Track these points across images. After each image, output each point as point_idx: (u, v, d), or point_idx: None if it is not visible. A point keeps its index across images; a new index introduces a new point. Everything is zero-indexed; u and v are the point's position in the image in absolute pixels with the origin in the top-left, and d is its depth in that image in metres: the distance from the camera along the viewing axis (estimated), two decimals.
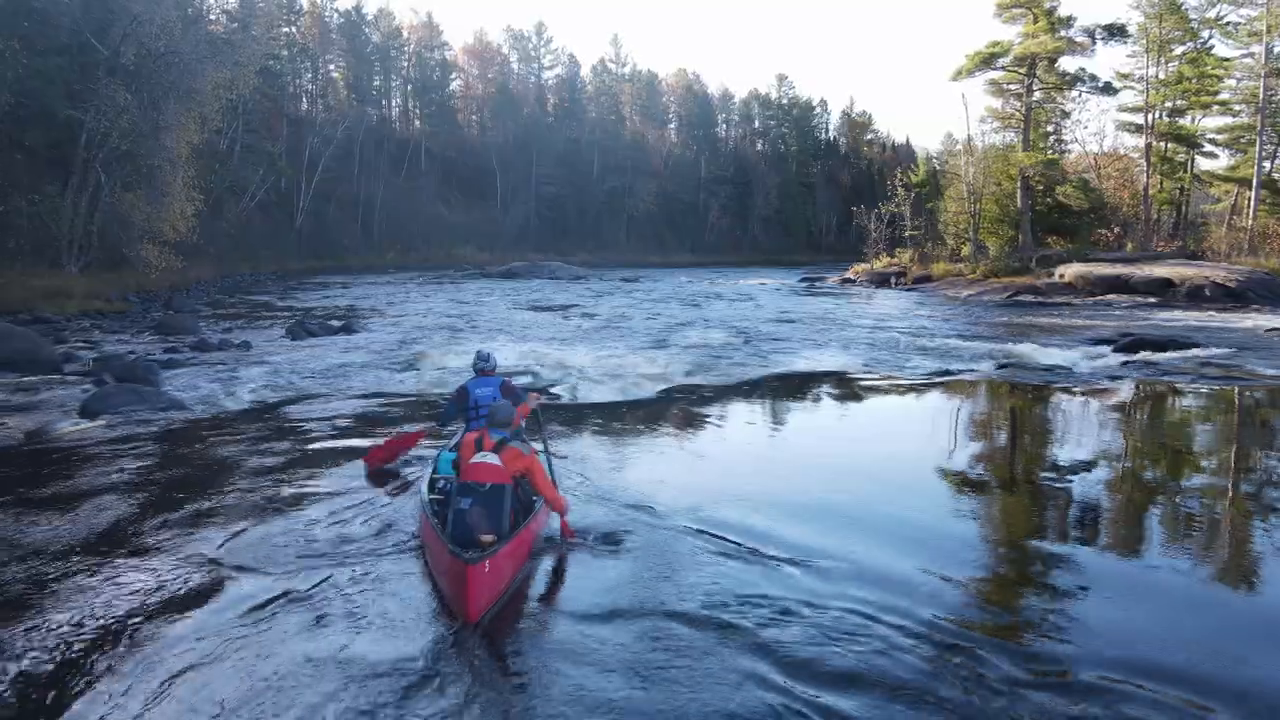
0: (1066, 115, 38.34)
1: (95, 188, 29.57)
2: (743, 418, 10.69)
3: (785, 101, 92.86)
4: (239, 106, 52.07)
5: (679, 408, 10.83)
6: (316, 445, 8.39)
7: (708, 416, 10.37)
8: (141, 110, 29.53)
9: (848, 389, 12.49)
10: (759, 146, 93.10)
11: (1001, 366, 13.06)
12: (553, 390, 11.75)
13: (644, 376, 12.79)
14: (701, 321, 23.15)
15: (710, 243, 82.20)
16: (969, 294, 32.39)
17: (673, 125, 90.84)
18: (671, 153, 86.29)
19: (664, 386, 11.91)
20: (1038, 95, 37.26)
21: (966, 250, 40.15)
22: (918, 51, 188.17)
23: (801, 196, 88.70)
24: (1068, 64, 36.30)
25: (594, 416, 10.17)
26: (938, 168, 48.47)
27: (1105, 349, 16.34)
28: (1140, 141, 44.35)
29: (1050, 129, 38.72)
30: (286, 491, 6.63)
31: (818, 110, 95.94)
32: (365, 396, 11.46)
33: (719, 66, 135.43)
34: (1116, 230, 37.12)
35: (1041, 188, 36.22)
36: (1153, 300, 27.40)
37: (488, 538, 4.68)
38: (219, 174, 50.82)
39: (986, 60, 35.58)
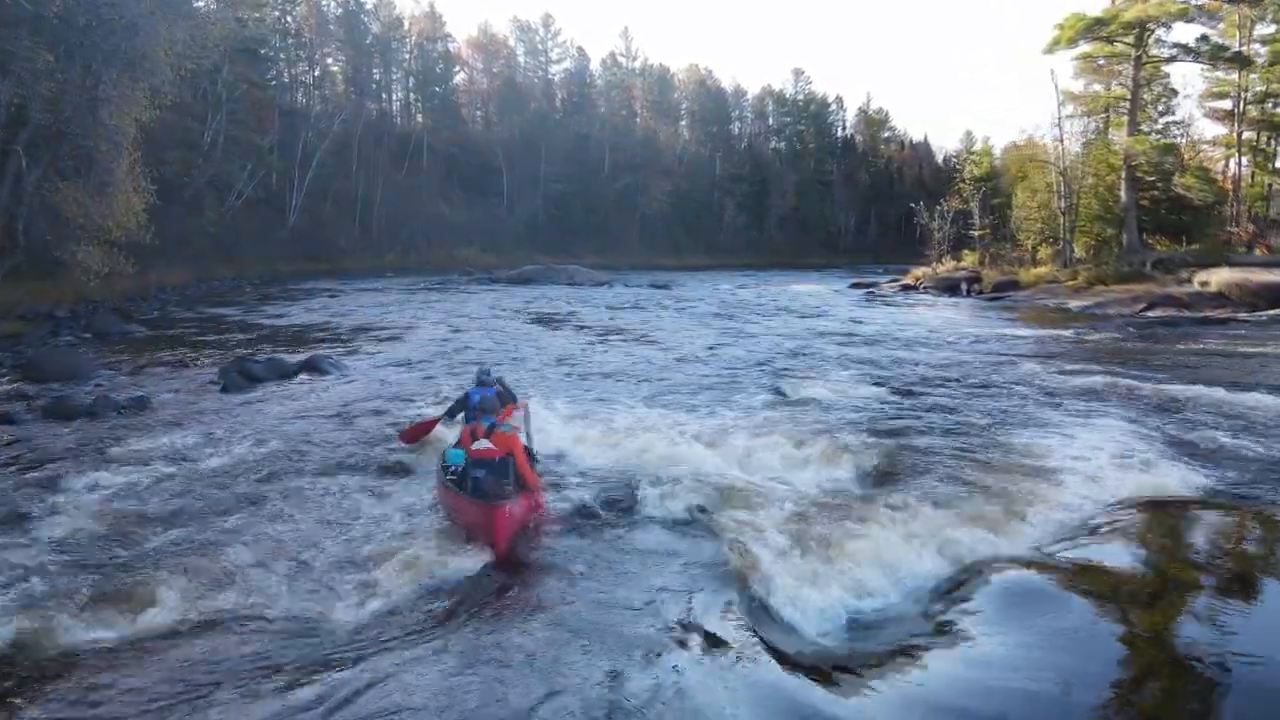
0: (1175, 94, 31.63)
1: (17, 175, 22.88)
2: None
3: (802, 98, 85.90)
4: (222, 94, 45.43)
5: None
6: None
7: None
8: (74, 78, 22.82)
9: None
10: (774, 144, 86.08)
11: None
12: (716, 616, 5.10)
13: (842, 512, 6.14)
14: (791, 346, 16.51)
15: (725, 243, 75.30)
16: (1081, 305, 25.77)
17: (684, 122, 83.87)
18: (685, 150, 79.39)
19: (940, 602, 5.22)
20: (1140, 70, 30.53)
21: (1045, 252, 33.58)
22: (929, 49, 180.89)
23: (819, 196, 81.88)
24: (1178, 33, 29.67)
25: None
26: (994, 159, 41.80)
27: None
28: (1224, 130, 38.06)
29: (1159, 111, 31.99)
30: None
31: (833, 107, 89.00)
32: (269, 622, 4.77)
33: (731, 62, 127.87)
34: (1250, 229, 30.34)
35: (1152, 179, 29.49)
36: None
37: (508, 486, 5.91)
38: (200, 168, 44.12)
39: (1089, 28, 28.77)
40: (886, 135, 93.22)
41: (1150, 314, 23.22)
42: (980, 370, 13.88)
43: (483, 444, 6.02)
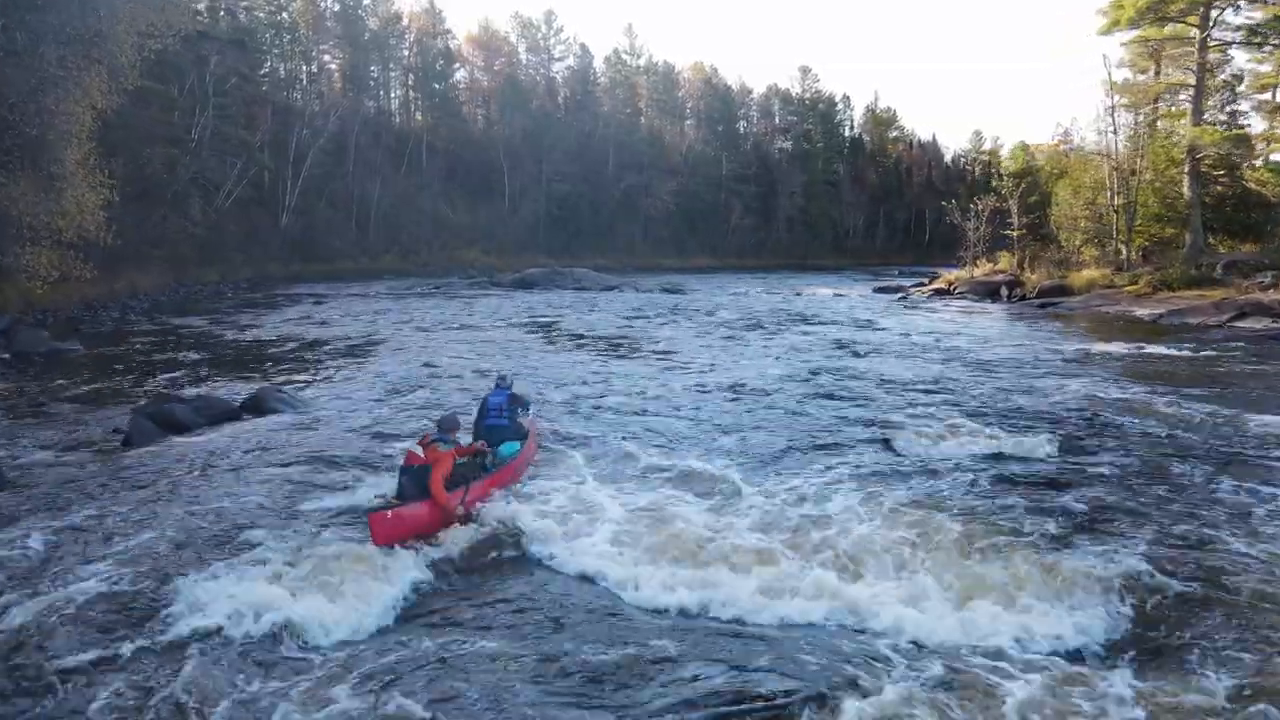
0: (1240, 80, 28.40)
1: None
2: None
3: (809, 97, 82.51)
4: (210, 88, 42.12)
5: None
6: None
7: None
8: (17, 57, 19.62)
9: None
10: (781, 143, 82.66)
11: None
12: None
13: None
14: (853, 366, 13.28)
15: (732, 245, 72.07)
16: (1152, 314, 22.60)
17: (690, 121, 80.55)
18: (691, 149, 76.07)
19: None
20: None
21: (1090, 254, 30.40)
22: (937, 48, 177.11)
23: (827, 196, 78.53)
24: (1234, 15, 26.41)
25: None
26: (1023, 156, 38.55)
27: None
28: (1267, 125, 34.93)
29: (1224, 100, 28.77)
30: None
31: (840, 106, 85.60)
32: None
33: (737, 60, 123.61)
34: None
35: (1219, 173, 26.27)
36: None
37: (395, 502, 6.03)
38: (185, 165, 40.81)
39: (1150, 7, 25.53)
40: (894, 135, 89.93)
41: (1242, 325, 20.03)
42: (1108, 405, 10.67)
43: (415, 449, 6.31)
